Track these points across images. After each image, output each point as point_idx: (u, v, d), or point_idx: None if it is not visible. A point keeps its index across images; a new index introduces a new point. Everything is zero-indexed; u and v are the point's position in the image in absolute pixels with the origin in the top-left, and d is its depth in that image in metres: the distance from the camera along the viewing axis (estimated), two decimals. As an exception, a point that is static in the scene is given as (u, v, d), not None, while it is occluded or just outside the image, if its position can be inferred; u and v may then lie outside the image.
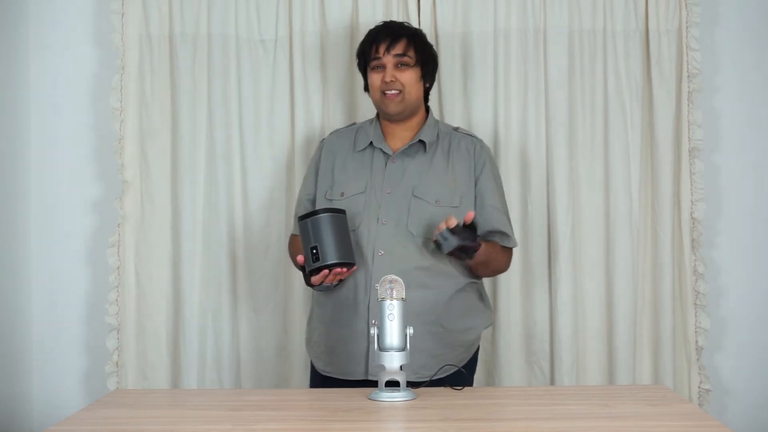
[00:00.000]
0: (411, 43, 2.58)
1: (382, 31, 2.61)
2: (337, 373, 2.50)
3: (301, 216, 2.39)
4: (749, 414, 3.24)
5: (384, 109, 2.58)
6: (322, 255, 2.32)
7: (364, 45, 2.63)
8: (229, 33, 3.11)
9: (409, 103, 2.57)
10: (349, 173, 2.58)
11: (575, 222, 3.11)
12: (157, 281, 3.09)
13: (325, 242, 2.33)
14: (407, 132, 2.61)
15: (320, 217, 2.35)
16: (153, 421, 2.06)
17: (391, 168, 2.56)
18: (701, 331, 3.12)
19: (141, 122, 3.10)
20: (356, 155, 2.61)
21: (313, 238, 2.34)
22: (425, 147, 2.58)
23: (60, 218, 3.24)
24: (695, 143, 3.11)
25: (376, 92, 2.59)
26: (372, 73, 2.60)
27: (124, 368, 3.08)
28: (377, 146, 2.59)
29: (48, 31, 3.23)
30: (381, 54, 2.56)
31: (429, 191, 2.52)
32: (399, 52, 2.56)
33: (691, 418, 2.02)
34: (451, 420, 2.01)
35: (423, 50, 2.61)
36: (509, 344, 3.09)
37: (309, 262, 2.34)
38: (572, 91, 3.12)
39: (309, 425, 2.02)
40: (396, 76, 2.54)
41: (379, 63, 2.57)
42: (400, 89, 2.55)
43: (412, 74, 2.57)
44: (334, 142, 2.68)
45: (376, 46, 2.58)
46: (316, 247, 2.33)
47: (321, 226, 2.34)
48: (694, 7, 3.11)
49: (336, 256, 2.33)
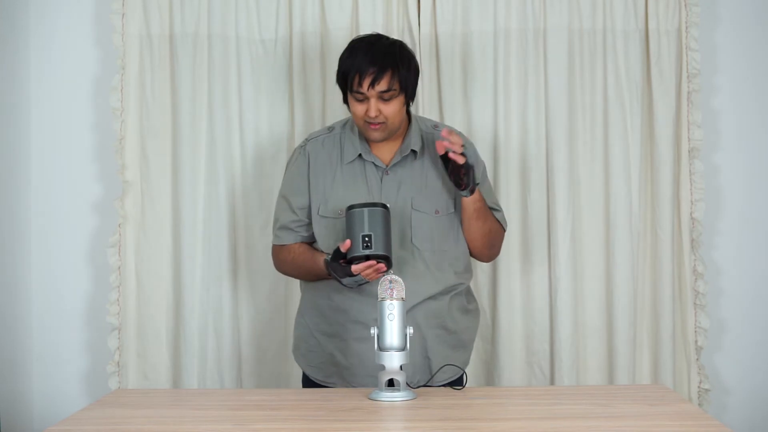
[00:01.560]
0: (396, 74, 2.39)
1: (364, 60, 2.38)
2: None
3: (354, 205, 2.34)
4: (748, 414, 3.24)
5: (367, 135, 2.47)
6: (375, 244, 2.29)
7: (347, 72, 2.41)
8: (230, 33, 3.11)
9: (392, 130, 2.46)
10: (342, 188, 2.49)
11: (575, 222, 3.11)
12: (158, 281, 3.09)
13: (378, 233, 2.30)
14: (392, 142, 2.51)
15: (379, 210, 2.33)
16: (153, 421, 2.06)
17: (387, 180, 2.49)
18: (701, 330, 3.12)
19: (141, 122, 3.10)
20: (346, 168, 2.51)
21: (368, 227, 2.30)
22: (415, 155, 2.52)
23: (60, 218, 3.24)
24: (695, 143, 3.12)
25: (358, 120, 2.45)
26: (353, 101, 2.42)
27: (125, 368, 3.08)
28: (367, 159, 2.50)
29: (48, 32, 3.23)
30: (364, 89, 2.37)
31: (427, 203, 2.48)
32: (383, 89, 2.38)
33: (690, 417, 2.03)
34: (451, 420, 2.01)
35: (407, 75, 2.42)
36: (509, 344, 3.09)
37: (358, 248, 2.29)
38: (572, 91, 3.12)
39: (309, 425, 2.02)
40: (380, 108, 2.40)
41: (361, 96, 2.40)
42: (384, 121, 2.42)
43: (397, 103, 2.42)
44: (318, 151, 2.54)
45: (359, 79, 2.38)
46: (369, 235, 2.30)
47: (378, 217, 2.31)
48: (693, 8, 3.11)
49: (388, 250, 2.31)
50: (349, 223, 2.33)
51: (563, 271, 3.08)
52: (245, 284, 3.11)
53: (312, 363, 2.54)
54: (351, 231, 2.31)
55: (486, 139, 3.09)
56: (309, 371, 2.55)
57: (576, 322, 3.09)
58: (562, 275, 3.08)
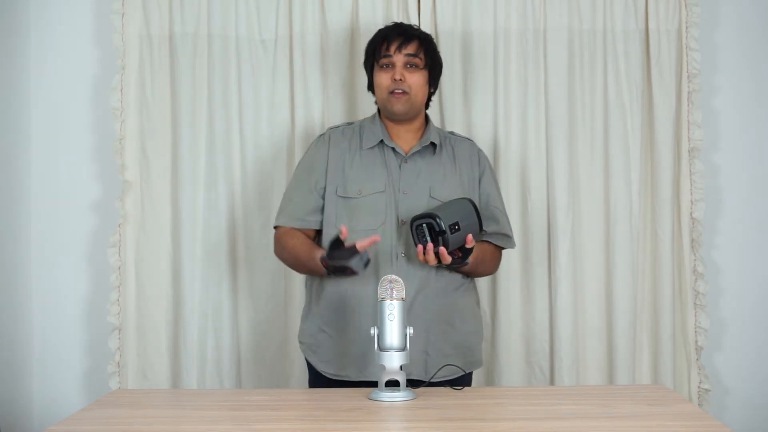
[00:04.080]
0: (422, 46, 2.57)
1: (393, 30, 2.58)
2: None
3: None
4: (748, 413, 3.25)
5: (389, 107, 2.55)
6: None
7: (375, 42, 2.59)
8: (230, 33, 3.11)
9: (414, 105, 2.55)
10: (362, 171, 2.55)
11: (575, 222, 3.11)
12: (158, 281, 3.09)
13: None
14: (411, 134, 2.60)
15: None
16: (153, 421, 2.06)
17: (406, 168, 2.55)
18: (701, 330, 3.12)
19: (141, 122, 3.10)
20: (365, 153, 2.57)
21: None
22: (434, 149, 2.59)
23: (60, 218, 3.24)
24: (695, 143, 3.12)
25: (382, 91, 2.55)
26: (380, 72, 2.56)
27: (125, 368, 3.08)
28: (388, 145, 2.57)
29: (48, 31, 3.23)
30: (392, 52, 2.54)
31: (444, 192, 2.53)
32: (411, 53, 2.53)
33: (690, 417, 2.03)
34: (451, 420, 2.01)
35: (433, 55, 2.60)
36: (509, 344, 3.09)
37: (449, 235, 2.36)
38: (572, 91, 3.12)
39: (309, 425, 2.02)
40: (405, 76, 2.52)
41: (389, 61, 2.54)
42: (407, 90, 2.53)
43: (420, 77, 2.55)
44: (338, 138, 2.62)
45: (387, 44, 2.54)
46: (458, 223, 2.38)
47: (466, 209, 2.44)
48: (693, 8, 3.11)
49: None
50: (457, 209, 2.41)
51: (563, 271, 3.08)
52: (245, 284, 3.11)
53: (323, 358, 2.54)
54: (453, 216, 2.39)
55: (486, 139, 3.09)
56: (322, 367, 2.54)
57: (576, 322, 3.09)
58: (562, 275, 3.08)
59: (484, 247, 2.56)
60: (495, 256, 2.63)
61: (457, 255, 2.42)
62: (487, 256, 2.57)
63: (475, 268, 2.52)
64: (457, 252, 2.42)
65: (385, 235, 2.47)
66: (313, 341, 2.56)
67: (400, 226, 2.49)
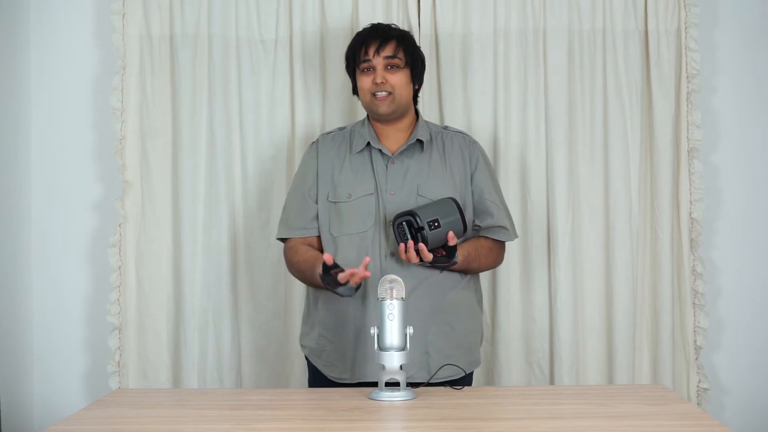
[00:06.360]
0: (401, 45, 2.56)
1: (371, 33, 2.58)
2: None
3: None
4: (747, 413, 3.25)
5: (375, 110, 2.56)
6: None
7: (354, 47, 2.60)
8: (230, 33, 3.11)
9: (399, 105, 2.55)
10: (351, 175, 2.56)
11: (575, 222, 3.11)
12: (158, 281, 3.09)
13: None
14: (400, 133, 2.60)
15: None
16: (154, 420, 2.07)
17: (393, 169, 2.55)
18: (700, 330, 3.12)
19: (141, 122, 3.11)
20: (354, 157, 2.58)
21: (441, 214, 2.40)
22: (422, 146, 2.59)
23: (60, 218, 3.24)
24: (694, 143, 3.12)
25: (365, 94, 2.56)
26: (361, 76, 2.57)
27: (125, 368, 3.08)
28: (375, 147, 2.57)
29: (49, 32, 3.24)
30: (371, 56, 2.54)
31: (433, 190, 2.52)
32: (389, 54, 2.54)
33: (689, 417, 2.03)
34: (451, 420, 2.01)
35: (412, 52, 2.60)
36: (509, 344, 3.09)
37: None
38: (572, 92, 3.12)
39: (309, 425, 2.02)
40: (386, 77, 2.53)
41: (368, 65, 2.55)
42: (390, 91, 2.53)
43: (402, 76, 2.55)
44: (328, 145, 2.64)
45: (365, 48, 2.55)
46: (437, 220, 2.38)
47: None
48: (693, 8, 3.11)
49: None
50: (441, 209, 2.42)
51: (563, 271, 3.08)
52: (245, 284, 3.12)
53: (327, 362, 2.54)
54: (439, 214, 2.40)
55: (486, 139, 3.09)
56: (326, 371, 2.54)
57: (576, 322, 3.10)
58: (561, 275, 3.08)
59: (480, 242, 2.56)
60: (493, 251, 2.61)
61: (440, 253, 2.42)
62: (482, 252, 2.55)
63: (468, 265, 2.51)
64: (440, 250, 2.42)
65: (375, 237, 2.49)
66: (316, 346, 2.57)
67: (388, 226, 2.49)
